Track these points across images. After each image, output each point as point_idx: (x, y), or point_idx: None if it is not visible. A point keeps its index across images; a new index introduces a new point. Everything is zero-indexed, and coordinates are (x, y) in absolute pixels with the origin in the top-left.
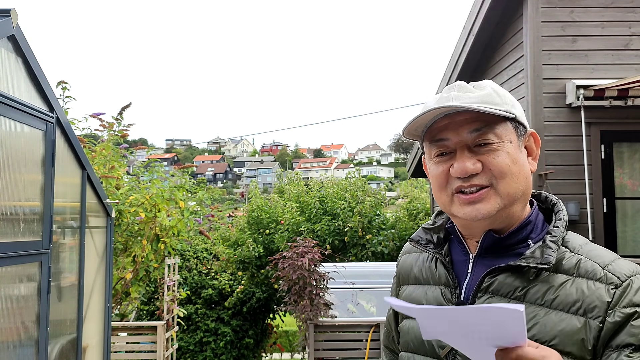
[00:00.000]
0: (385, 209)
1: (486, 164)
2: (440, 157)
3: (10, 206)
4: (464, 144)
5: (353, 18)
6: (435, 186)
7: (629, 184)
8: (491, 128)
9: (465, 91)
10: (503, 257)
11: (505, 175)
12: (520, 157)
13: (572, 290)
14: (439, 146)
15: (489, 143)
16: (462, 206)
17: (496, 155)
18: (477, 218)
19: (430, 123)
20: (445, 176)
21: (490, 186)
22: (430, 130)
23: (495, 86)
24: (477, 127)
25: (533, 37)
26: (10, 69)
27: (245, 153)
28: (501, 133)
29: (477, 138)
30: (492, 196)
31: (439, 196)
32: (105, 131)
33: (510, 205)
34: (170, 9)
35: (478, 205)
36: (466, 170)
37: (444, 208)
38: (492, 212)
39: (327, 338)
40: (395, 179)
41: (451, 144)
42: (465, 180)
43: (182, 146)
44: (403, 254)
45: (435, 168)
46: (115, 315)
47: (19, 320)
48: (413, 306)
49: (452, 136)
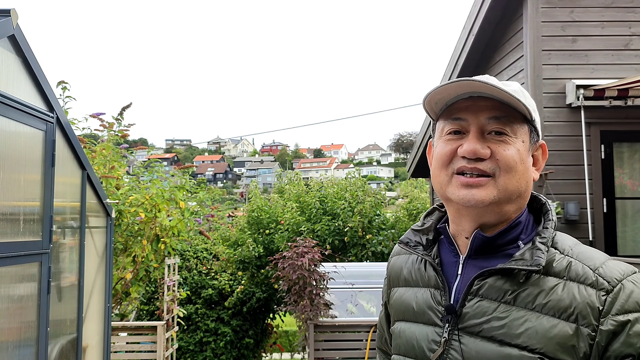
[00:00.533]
0: (385, 209)
1: (495, 153)
2: (452, 134)
3: (10, 206)
4: (479, 127)
5: (353, 18)
6: (437, 164)
7: (629, 184)
8: (510, 121)
9: (494, 81)
10: (493, 258)
11: (510, 169)
12: (528, 160)
13: (563, 295)
14: (455, 124)
15: (503, 133)
16: (458, 188)
17: (507, 147)
18: (469, 203)
19: (452, 102)
20: (451, 154)
21: (492, 176)
22: (450, 108)
23: (522, 89)
24: (497, 115)
25: (533, 37)
26: (10, 69)
27: (245, 153)
28: (517, 130)
29: (494, 125)
30: (490, 186)
31: (438, 174)
32: (105, 131)
33: (505, 202)
34: (171, 9)
35: (474, 190)
36: (475, 151)
37: (440, 189)
38: (485, 200)
39: (327, 338)
40: (395, 179)
41: (467, 124)
42: (470, 162)
43: (182, 146)
44: (393, 256)
45: (444, 145)
46: (115, 315)
47: (19, 320)
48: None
49: (470, 118)
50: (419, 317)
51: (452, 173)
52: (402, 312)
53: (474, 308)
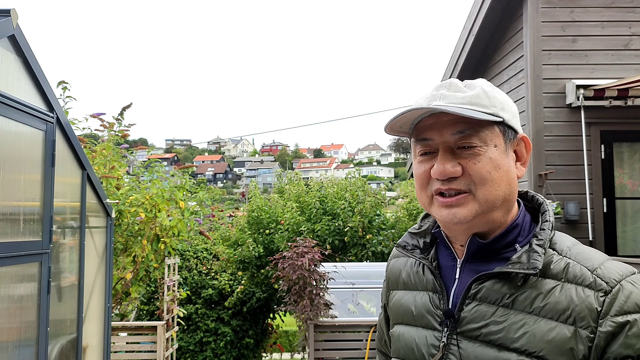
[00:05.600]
0: (385, 209)
1: (466, 168)
2: (423, 156)
3: (10, 206)
4: (446, 145)
5: (353, 18)
6: (417, 185)
7: (629, 184)
8: (475, 131)
9: (454, 90)
10: (490, 262)
11: (485, 182)
12: (506, 162)
13: (561, 297)
14: (423, 145)
15: (472, 146)
16: (439, 208)
17: (477, 160)
18: (453, 222)
19: (417, 120)
20: (427, 176)
21: (468, 192)
22: (417, 128)
23: (487, 86)
24: (460, 129)
25: (533, 37)
26: (10, 69)
27: (245, 153)
28: (486, 137)
29: (460, 140)
30: (470, 202)
31: (420, 195)
32: (105, 131)
33: (490, 212)
34: (171, 9)
35: (455, 209)
36: (445, 172)
37: (425, 208)
38: (468, 217)
39: (327, 338)
40: (395, 179)
41: (434, 144)
42: (444, 183)
43: (182, 146)
44: (392, 258)
45: (418, 167)
46: (115, 315)
47: (19, 320)
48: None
49: (435, 136)
50: (418, 321)
51: (431, 194)
52: (401, 316)
53: (471, 312)
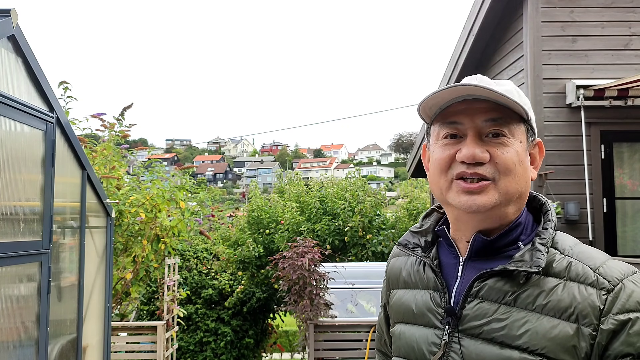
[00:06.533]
0: (385, 209)
1: (494, 156)
2: (448, 139)
3: (10, 206)
4: (476, 131)
5: (353, 18)
6: (435, 169)
7: (629, 184)
8: (507, 122)
9: (487, 83)
10: (493, 260)
11: (509, 172)
12: (526, 160)
13: (564, 295)
14: (451, 128)
15: (502, 135)
16: (459, 194)
17: (505, 150)
18: (471, 209)
19: (446, 105)
20: (449, 160)
21: (492, 180)
22: (445, 112)
23: (516, 87)
24: (493, 116)
25: (533, 37)
26: (10, 69)
27: (245, 153)
28: (514, 130)
29: (491, 127)
30: (491, 190)
31: (437, 180)
32: (106, 131)
33: (506, 205)
34: (171, 9)
35: (475, 196)
36: (474, 156)
37: (440, 195)
38: (487, 205)
39: (327, 338)
40: (395, 179)
41: (464, 128)
42: (469, 167)
43: (182, 146)
44: (392, 257)
45: (441, 151)
46: (115, 315)
47: (19, 320)
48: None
49: (466, 121)
50: (418, 319)
51: (451, 179)
52: (401, 314)
53: (474, 310)
